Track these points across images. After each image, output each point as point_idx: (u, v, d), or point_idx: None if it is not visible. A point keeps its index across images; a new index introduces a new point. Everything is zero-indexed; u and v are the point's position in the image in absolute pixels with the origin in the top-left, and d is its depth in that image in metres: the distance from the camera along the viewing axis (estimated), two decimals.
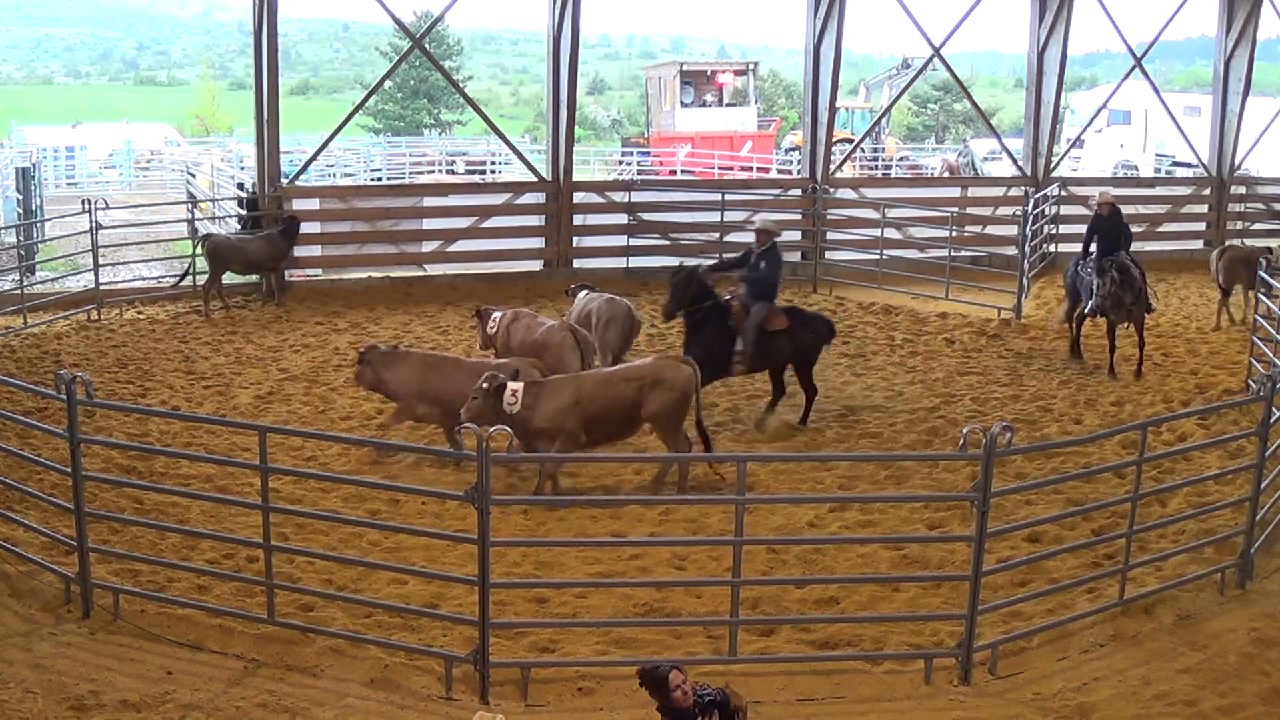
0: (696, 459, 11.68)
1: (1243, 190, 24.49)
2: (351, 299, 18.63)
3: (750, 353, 12.74)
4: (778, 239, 13.33)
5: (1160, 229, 23.81)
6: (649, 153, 38.92)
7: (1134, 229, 23.20)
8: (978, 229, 21.61)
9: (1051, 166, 23.00)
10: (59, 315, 16.84)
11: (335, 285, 19.23)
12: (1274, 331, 13.58)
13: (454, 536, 9.18)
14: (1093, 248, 15.24)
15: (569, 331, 12.65)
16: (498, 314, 13.08)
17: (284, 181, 19.51)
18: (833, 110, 21.51)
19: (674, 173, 35.18)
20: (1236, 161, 24.11)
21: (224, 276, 17.83)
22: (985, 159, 38.60)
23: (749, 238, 20.88)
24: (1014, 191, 22.50)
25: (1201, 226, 24.39)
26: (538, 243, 20.44)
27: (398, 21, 21.24)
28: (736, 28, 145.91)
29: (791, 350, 13.04)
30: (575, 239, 20.43)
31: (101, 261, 17.74)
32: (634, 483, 11.28)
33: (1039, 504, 10.62)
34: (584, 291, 14.08)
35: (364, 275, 19.66)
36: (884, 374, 15.07)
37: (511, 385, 10.20)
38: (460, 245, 20.18)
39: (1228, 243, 20.19)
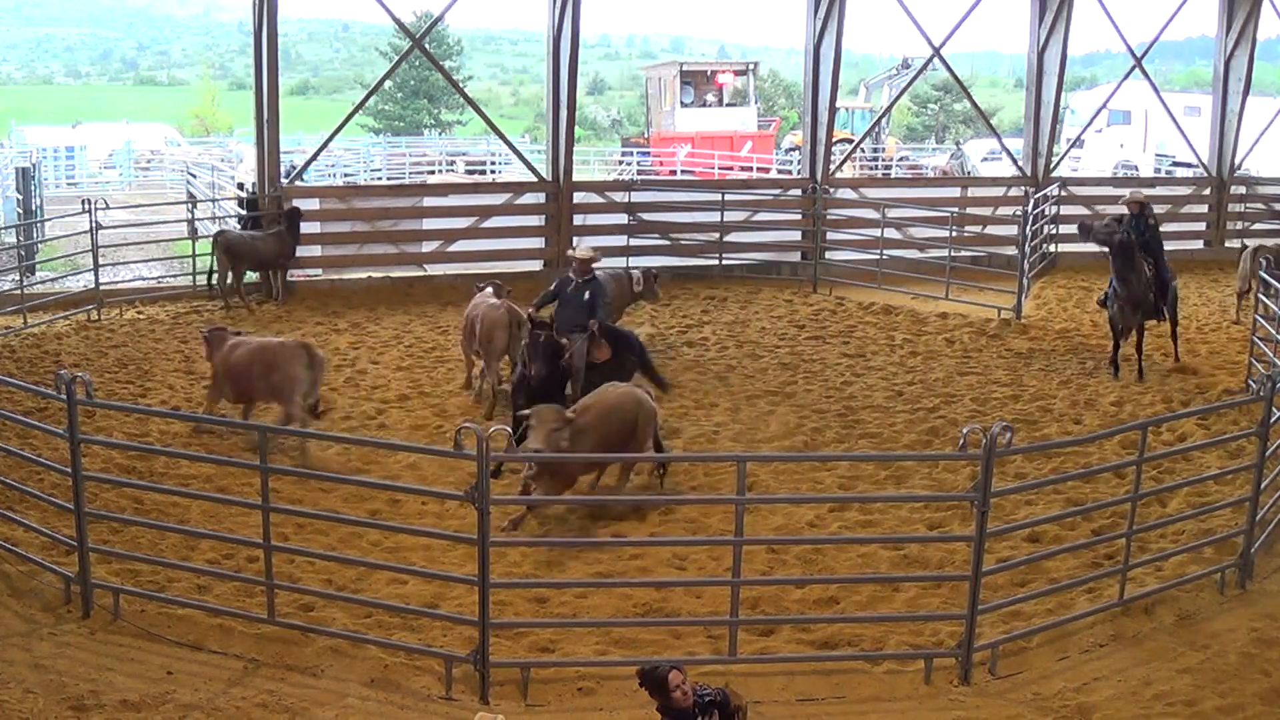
0: (696, 459, 11.69)
1: (1243, 190, 24.49)
2: (351, 299, 18.63)
3: (583, 391, 11.59)
4: (597, 267, 12.99)
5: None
6: (649, 153, 38.92)
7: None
8: (978, 229, 21.61)
9: (1051, 166, 23.00)
10: (59, 315, 16.83)
11: (335, 285, 19.22)
12: (1274, 331, 13.58)
13: (454, 536, 9.18)
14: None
15: (505, 309, 13.23)
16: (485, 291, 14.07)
17: (283, 181, 19.51)
18: (833, 110, 21.51)
19: (674, 173, 35.19)
20: (1236, 161, 24.11)
21: (220, 276, 17.86)
22: (985, 159, 38.59)
23: (749, 237, 21.14)
24: (1014, 191, 22.50)
25: (1201, 226, 24.40)
26: (538, 243, 20.43)
27: (398, 21, 21.24)
28: (736, 28, 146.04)
29: (616, 375, 11.95)
30: (575, 239, 20.42)
31: (101, 261, 17.73)
32: (634, 483, 11.27)
33: (1039, 504, 10.62)
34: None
35: (364, 275, 19.65)
36: (884, 374, 15.06)
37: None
38: (460, 245, 20.17)
39: (1257, 243, 19.92)
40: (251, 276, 18.62)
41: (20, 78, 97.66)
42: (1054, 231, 21.84)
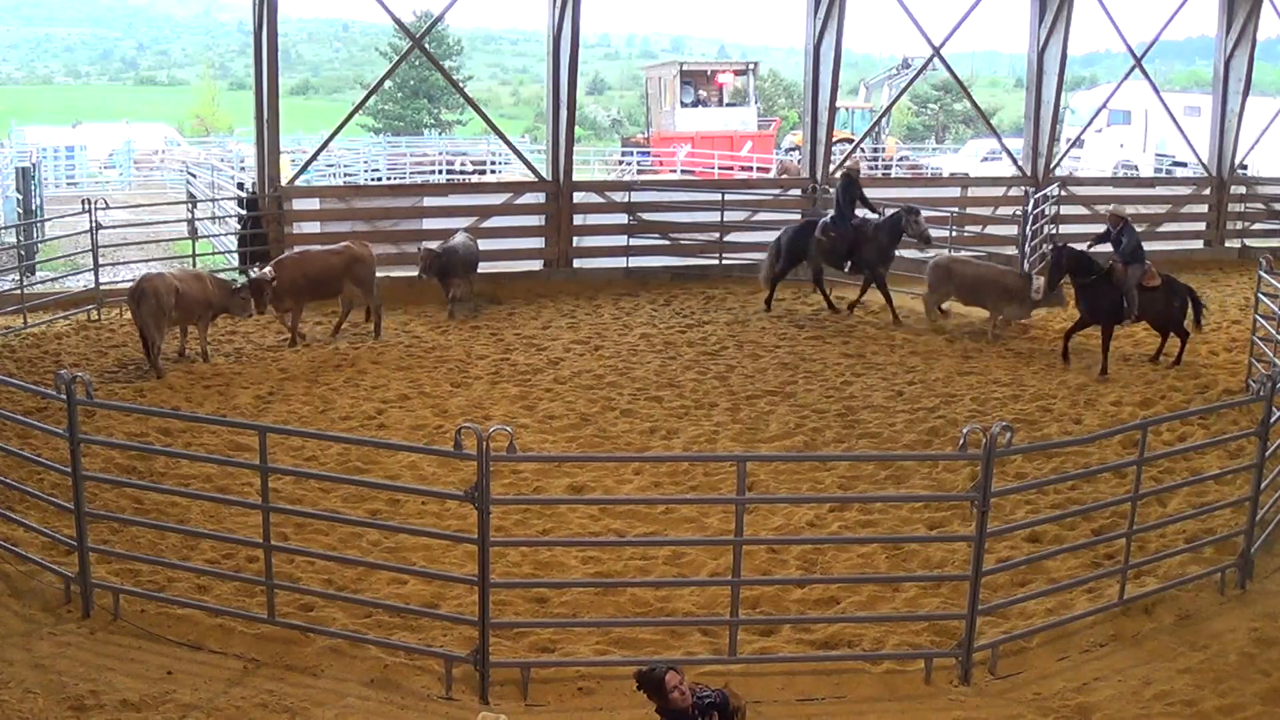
0: (696, 459, 11.68)
1: (1243, 190, 24.49)
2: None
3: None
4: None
5: (1160, 229, 23.81)
6: (649, 153, 38.96)
7: (1135, 229, 23.13)
8: (978, 229, 21.61)
9: (1051, 166, 23.00)
10: (59, 315, 16.83)
11: None
12: (1274, 331, 13.57)
13: (454, 536, 9.18)
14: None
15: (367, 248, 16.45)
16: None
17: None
18: (833, 110, 21.50)
19: (674, 173, 35.18)
20: (1237, 161, 24.11)
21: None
22: (985, 159, 38.59)
23: (749, 237, 21.10)
24: (1014, 191, 22.50)
25: (1201, 226, 24.41)
26: (538, 243, 20.42)
27: (398, 21, 21.23)
28: (736, 28, 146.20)
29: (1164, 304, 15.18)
30: (575, 239, 20.42)
31: (101, 261, 17.73)
32: (634, 483, 11.27)
33: (1039, 504, 10.62)
34: None
35: None
36: (884, 374, 15.06)
37: None
38: None
39: None
40: None
41: (20, 78, 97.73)
42: (1054, 231, 21.84)
